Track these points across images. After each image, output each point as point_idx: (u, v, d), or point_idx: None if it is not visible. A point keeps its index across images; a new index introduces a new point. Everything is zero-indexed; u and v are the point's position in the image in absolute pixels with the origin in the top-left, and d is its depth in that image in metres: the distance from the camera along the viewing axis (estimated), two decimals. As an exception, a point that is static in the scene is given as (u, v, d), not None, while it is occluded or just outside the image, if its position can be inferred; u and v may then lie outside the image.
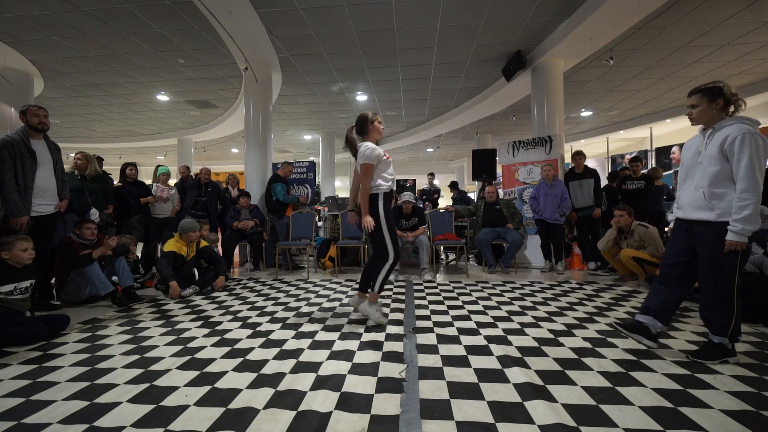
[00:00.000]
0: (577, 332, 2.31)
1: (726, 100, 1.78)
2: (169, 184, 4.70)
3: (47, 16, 4.53)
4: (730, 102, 1.79)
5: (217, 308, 2.99)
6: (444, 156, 15.95)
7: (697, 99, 1.84)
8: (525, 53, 5.65)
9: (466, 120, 9.25)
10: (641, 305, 2.13)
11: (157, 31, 4.92)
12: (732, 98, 1.78)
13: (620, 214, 3.74)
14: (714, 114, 1.80)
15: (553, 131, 5.51)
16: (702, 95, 1.82)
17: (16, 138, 2.73)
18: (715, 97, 1.79)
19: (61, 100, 7.84)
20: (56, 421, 1.36)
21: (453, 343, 2.13)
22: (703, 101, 1.82)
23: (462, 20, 4.76)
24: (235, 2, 4.15)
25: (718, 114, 1.80)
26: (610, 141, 11.59)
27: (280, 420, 1.36)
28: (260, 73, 5.75)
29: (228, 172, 6.69)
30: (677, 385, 1.61)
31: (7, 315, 2.23)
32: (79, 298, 3.11)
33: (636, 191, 4.71)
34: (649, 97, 7.98)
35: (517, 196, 5.45)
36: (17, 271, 2.33)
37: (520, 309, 2.87)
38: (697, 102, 1.84)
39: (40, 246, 2.68)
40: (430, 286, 3.77)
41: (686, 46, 5.47)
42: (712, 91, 1.80)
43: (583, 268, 4.78)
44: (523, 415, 1.38)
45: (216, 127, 10.14)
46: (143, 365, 1.86)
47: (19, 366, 1.86)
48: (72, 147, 11.93)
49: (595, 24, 4.48)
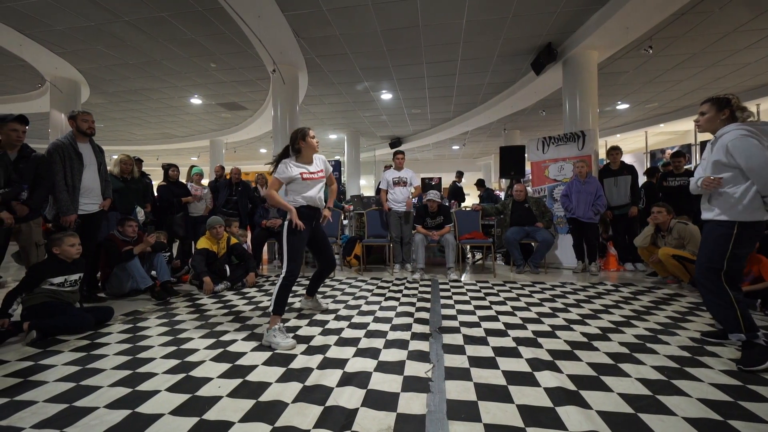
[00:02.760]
0: (614, 336, 2.20)
1: (732, 111, 1.89)
2: (202, 183, 4.90)
3: (92, 27, 4.84)
4: (735, 114, 1.89)
5: (248, 303, 3.09)
6: (470, 153, 15.67)
7: (707, 107, 1.95)
8: (556, 45, 5.44)
9: (493, 116, 9.04)
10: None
11: (191, 37, 5.14)
12: (737, 110, 1.89)
13: (658, 211, 3.54)
14: (719, 123, 1.92)
15: (586, 126, 5.27)
16: (712, 104, 1.94)
17: (65, 142, 2.94)
18: (723, 107, 1.90)
19: (105, 105, 8.36)
20: (103, 406, 1.45)
21: (480, 344, 2.09)
22: (712, 110, 1.93)
23: (489, 14, 4.64)
24: (263, 6, 4.26)
25: (722, 124, 1.91)
26: (649, 135, 10.96)
27: (308, 414, 1.38)
28: (287, 74, 5.87)
29: (257, 172, 6.89)
30: (727, 396, 1.50)
31: (60, 306, 2.41)
32: (122, 292, 3.31)
33: (678, 188, 4.43)
34: (693, 88, 7.47)
35: (548, 194, 5.27)
36: (67, 265, 2.51)
37: (551, 311, 2.78)
38: (707, 110, 1.95)
39: (86, 242, 2.87)
40: (456, 286, 3.72)
41: (736, 30, 5.07)
42: (721, 101, 1.91)
43: (619, 270, 4.55)
44: (555, 420, 1.33)
45: (245, 129, 10.47)
46: (180, 356, 1.95)
47: (70, 353, 2.00)
48: (114, 149, 12.70)
49: (632, 12, 4.23)
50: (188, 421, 1.34)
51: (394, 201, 4.67)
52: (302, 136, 2.39)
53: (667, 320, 2.51)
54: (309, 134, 2.40)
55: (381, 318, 2.62)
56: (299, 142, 2.39)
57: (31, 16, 4.56)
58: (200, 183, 4.86)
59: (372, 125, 10.50)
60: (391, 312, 2.76)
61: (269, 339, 2.10)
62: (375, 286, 3.75)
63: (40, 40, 5.17)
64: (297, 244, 2.30)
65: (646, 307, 2.86)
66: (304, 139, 2.39)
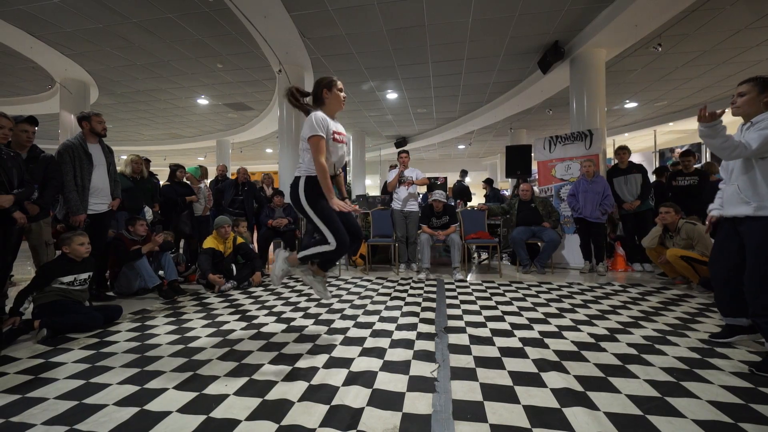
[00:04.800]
0: (621, 337, 2.18)
1: None
2: (199, 182, 4.86)
3: (101, 29, 4.90)
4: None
5: (254, 303, 3.11)
6: (476, 153, 15.60)
7: (748, 88, 1.81)
8: (563, 44, 5.40)
9: (499, 115, 8.98)
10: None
11: (198, 38, 5.18)
12: None
13: (666, 211, 3.49)
14: (760, 106, 1.79)
15: (593, 125, 5.23)
16: (754, 84, 1.80)
17: (75, 142, 2.98)
18: (766, 88, 1.76)
19: (113, 106, 8.47)
20: (112, 403, 1.47)
21: (486, 344, 2.08)
22: (754, 90, 1.79)
23: (495, 12, 4.62)
24: (270, 6, 4.28)
25: (764, 107, 1.78)
26: (657, 134, 10.81)
27: (314, 413, 1.39)
28: (293, 74, 5.90)
29: (263, 172, 6.93)
30: (738, 399, 1.47)
31: (70, 304, 2.45)
32: (130, 290, 3.35)
33: (688, 188, 4.37)
34: (703, 86, 7.36)
35: (554, 194, 5.23)
36: (76, 264, 2.55)
37: (558, 311, 2.75)
38: (747, 90, 1.81)
39: (95, 242, 2.90)
40: (462, 286, 3.71)
41: (747, 27, 4.98)
42: (765, 81, 1.78)
43: (627, 270, 4.50)
44: (562, 421, 1.32)
45: (252, 129, 10.54)
46: (187, 355, 1.97)
47: (79, 351, 2.03)
48: (122, 150, 12.85)
49: (641, 9, 4.18)
50: (195, 419, 1.35)
51: (398, 200, 4.67)
52: (327, 84, 1.94)
53: (676, 321, 2.48)
54: (337, 84, 1.95)
55: (386, 317, 2.62)
56: (324, 92, 1.94)
57: (41, 19, 4.63)
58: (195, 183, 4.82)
59: (377, 125, 10.50)
60: (397, 311, 2.76)
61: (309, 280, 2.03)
62: (380, 285, 3.75)
63: (50, 41, 5.25)
64: (330, 213, 1.91)
65: (655, 308, 2.83)
66: (330, 89, 1.94)
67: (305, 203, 1.93)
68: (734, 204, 1.82)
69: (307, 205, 1.92)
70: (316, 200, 1.92)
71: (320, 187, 1.92)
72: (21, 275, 4.18)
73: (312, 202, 1.92)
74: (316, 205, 1.92)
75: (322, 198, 1.93)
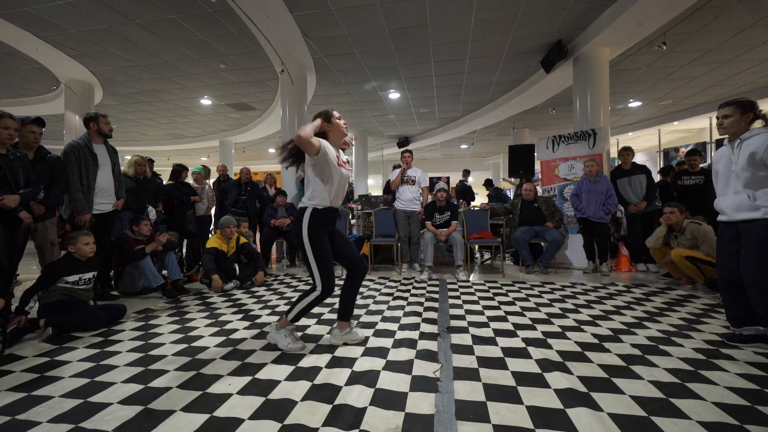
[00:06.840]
0: (625, 338, 2.17)
1: (755, 115, 1.99)
2: (202, 181, 4.90)
3: (105, 29, 4.93)
4: (758, 117, 2.00)
5: (257, 302, 3.12)
6: (478, 153, 15.56)
7: (731, 110, 2.03)
8: (566, 42, 5.37)
9: (502, 115, 8.96)
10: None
11: (201, 39, 5.20)
12: (760, 114, 2.00)
13: (670, 211, 3.47)
14: (743, 126, 2.02)
15: (597, 124, 5.20)
16: (736, 107, 2.02)
17: (81, 143, 3.01)
18: (747, 110, 2.00)
19: (117, 107, 8.51)
20: (116, 401, 1.48)
21: (489, 344, 2.08)
22: (736, 113, 2.02)
23: (498, 11, 4.60)
24: (272, 7, 4.29)
25: (746, 126, 2.02)
26: (662, 133, 10.73)
27: (317, 412, 1.39)
28: (295, 74, 5.90)
29: (266, 172, 6.94)
30: (743, 400, 1.46)
31: (75, 303, 2.46)
32: (134, 290, 3.37)
33: (693, 187, 4.34)
34: (708, 84, 7.30)
35: (557, 194, 5.21)
36: (81, 263, 2.57)
37: (561, 311, 2.74)
38: (731, 113, 2.03)
39: (100, 241, 2.92)
40: (464, 286, 3.70)
41: (754, 25, 4.94)
42: (745, 104, 2.00)
43: (631, 270, 4.48)
44: (565, 422, 1.32)
45: (254, 129, 10.57)
46: (190, 354, 1.98)
47: (84, 350, 2.05)
48: (125, 150, 12.91)
49: (645, 7, 4.15)
50: (199, 418, 1.36)
51: (401, 200, 4.66)
52: (326, 117, 1.99)
53: (681, 322, 2.46)
54: (334, 115, 2.01)
55: (389, 317, 2.62)
56: (323, 125, 2.00)
57: (46, 20, 4.66)
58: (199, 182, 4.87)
59: (380, 125, 10.50)
60: (399, 311, 2.76)
61: (276, 338, 2.01)
62: (383, 285, 3.75)
63: (55, 43, 5.29)
64: (325, 257, 1.94)
65: (659, 308, 2.81)
66: (329, 121, 2.00)
67: (306, 237, 1.92)
68: (743, 211, 1.98)
69: (307, 240, 1.92)
70: (317, 237, 1.93)
71: (325, 220, 1.95)
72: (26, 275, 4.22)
73: (313, 238, 1.92)
74: (316, 243, 1.92)
75: (323, 235, 1.95)
